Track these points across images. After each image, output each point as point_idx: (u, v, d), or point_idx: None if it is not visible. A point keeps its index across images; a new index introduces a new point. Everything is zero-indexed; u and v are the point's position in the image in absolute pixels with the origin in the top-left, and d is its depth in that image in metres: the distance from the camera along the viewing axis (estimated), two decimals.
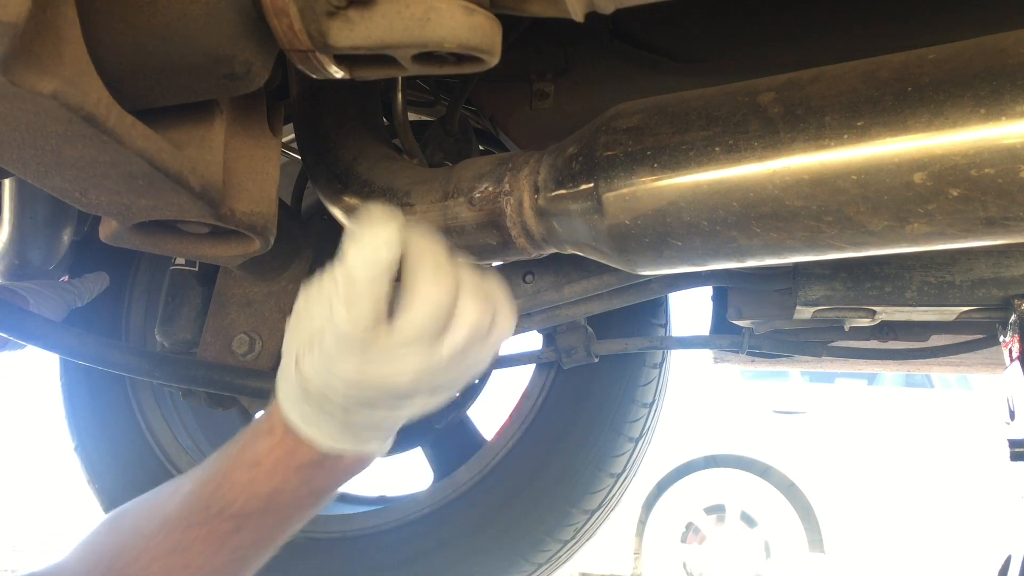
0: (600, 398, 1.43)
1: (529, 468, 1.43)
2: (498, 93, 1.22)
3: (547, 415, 1.45)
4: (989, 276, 1.03)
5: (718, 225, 0.70)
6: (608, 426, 1.42)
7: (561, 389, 1.45)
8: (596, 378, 1.44)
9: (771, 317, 1.28)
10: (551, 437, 1.43)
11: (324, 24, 0.63)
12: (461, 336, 0.58)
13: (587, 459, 1.42)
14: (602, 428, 1.42)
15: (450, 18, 0.62)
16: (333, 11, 0.62)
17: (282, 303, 1.24)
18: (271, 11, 0.62)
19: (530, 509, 1.42)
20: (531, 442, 1.45)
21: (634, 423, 1.44)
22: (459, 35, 0.62)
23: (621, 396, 1.43)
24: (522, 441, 1.45)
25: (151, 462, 1.54)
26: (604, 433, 1.42)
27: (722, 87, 0.74)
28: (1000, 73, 0.59)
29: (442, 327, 0.57)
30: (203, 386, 1.11)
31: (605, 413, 1.43)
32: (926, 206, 0.62)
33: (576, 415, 1.43)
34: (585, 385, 1.44)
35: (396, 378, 0.57)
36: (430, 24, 0.62)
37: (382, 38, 0.62)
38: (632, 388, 1.44)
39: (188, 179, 0.68)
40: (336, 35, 0.63)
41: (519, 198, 0.84)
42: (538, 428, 1.44)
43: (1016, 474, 1.03)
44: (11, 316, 1.00)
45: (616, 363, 1.44)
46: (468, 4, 0.63)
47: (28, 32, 0.46)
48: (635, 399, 1.44)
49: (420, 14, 0.61)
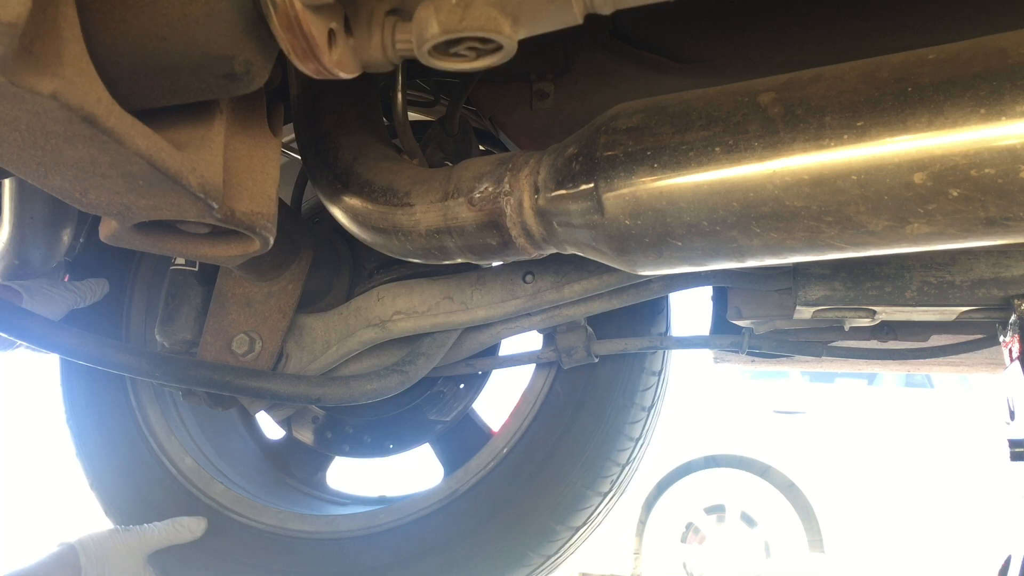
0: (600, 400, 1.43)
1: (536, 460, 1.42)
2: (498, 93, 1.22)
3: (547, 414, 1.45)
4: (989, 276, 1.03)
5: (718, 225, 0.70)
6: (611, 425, 1.42)
7: (561, 390, 1.45)
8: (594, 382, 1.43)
9: (771, 317, 1.28)
10: (556, 429, 1.42)
11: None
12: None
13: (597, 446, 1.41)
14: (605, 423, 1.42)
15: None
16: None
17: (282, 303, 1.24)
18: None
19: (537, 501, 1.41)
20: (539, 429, 1.44)
21: (634, 424, 1.44)
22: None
23: (621, 398, 1.43)
24: (532, 427, 1.44)
25: (151, 462, 1.54)
26: (609, 427, 1.42)
27: (722, 87, 0.74)
28: (1000, 73, 0.59)
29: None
30: (203, 386, 1.11)
31: (606, 412, 1.42)
32: (926, 206, 0.62)
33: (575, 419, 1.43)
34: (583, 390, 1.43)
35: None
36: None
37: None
38: (632, 393, 1.43)
39: (188, 179, 0.68)
40: None
41: (519, 198, 0.84)
42: (543, 420, 1.44)
43: (1016, 474, 1.03)
44: (11, 316, 1.00)
45: (614, 371, 1.43)
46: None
47: (28, 32, 0.46)
48: (635, 402, 1.44)
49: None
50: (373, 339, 1.28)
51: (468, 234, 0.88)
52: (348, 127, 1.04)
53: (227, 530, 1.48)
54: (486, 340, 1.37)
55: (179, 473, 1.52)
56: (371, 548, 1.44)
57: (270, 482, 1.68)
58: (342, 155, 1.01)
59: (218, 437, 1.67)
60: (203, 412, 1.65)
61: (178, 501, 1.50)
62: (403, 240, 0.93)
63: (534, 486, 1.39)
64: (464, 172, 0.90)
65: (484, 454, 1.46)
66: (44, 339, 1.02)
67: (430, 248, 0.93)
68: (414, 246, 0.93)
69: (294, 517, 1.49)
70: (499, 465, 1.42)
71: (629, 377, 1.43)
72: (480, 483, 1.43)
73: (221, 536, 1.47)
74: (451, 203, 0.88)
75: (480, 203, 0.86)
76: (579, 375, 1.42)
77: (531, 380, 1.48)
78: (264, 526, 1.48)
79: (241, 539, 1.47)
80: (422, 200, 0.91)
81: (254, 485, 1.61)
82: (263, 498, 1.56)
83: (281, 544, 1.47)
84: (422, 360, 1.26)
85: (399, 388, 1.23)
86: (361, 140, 1.03)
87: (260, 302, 1.24)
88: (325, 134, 1.03)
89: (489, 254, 0.91)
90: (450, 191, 0.89)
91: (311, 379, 1.18)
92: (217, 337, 1.24)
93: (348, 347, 1.28)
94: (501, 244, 0.88)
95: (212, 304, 1.25)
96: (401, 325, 1.26)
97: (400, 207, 0.92)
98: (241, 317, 1.24)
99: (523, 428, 1.43)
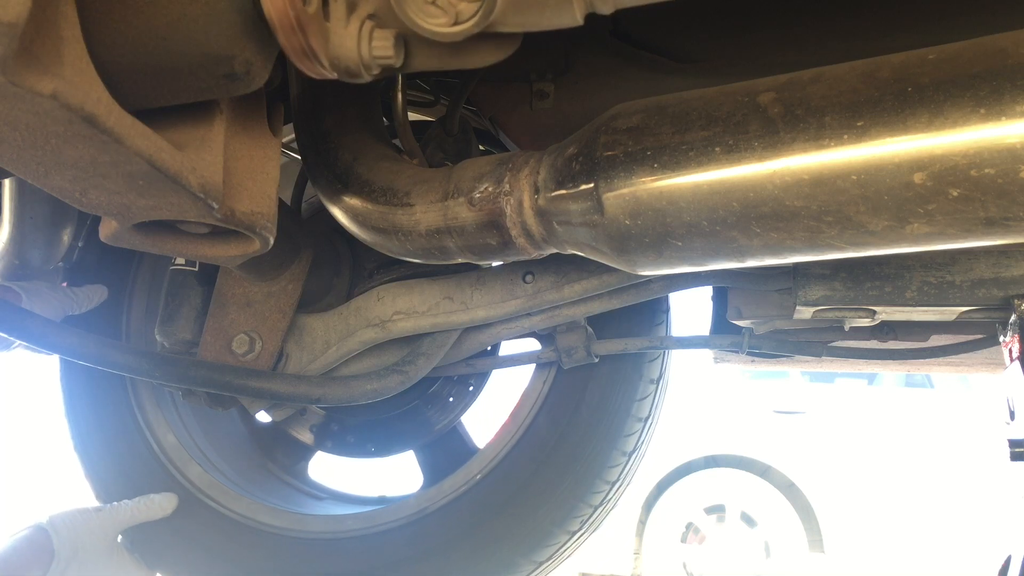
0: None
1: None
2: (498, 93, 1.22)
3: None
4: (989, 276, 1.03)
5: (718, 225, 0.70)
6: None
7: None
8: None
9: (771, 317, 1.28)
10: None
11: None
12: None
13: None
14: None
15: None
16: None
17: (282, 303, 1.24)
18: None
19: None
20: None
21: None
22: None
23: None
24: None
25: (135, 436, 1.53)
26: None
27: (722, 87, 0.74)
28: (1000, 73, 0.59)
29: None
30: (203, 386, 1.11)
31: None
32: (926, 206, 0.62)
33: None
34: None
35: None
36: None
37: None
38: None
39: (188, 179, 0.68)
40: None
41: (519, 198, 0.84)
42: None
43: (1016, 474, 1.03)
44: (11, 316, 1.00)
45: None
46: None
47: (28, 32, 0.46)
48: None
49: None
50: (373, 339, 1.28)
51: (468, 234, 0.88)
52: (348, 127, 1.04)
53: (197, 513, 1.49)
54: (486, 340, 1.37)
55: (160, 450, 1.53)
56: (334, 554, 1.45)
57: (251, 467, 1.69)
58: (342, 155, 1.01)
59: (207, 416, 1.66)
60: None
61: (155, 478, 1.51)
62: (403, 240, 0.93)
63: (505, 515, 1.39)
64: (464, 172, 0.90)
65: (459, 476, 1.46)
66: (44, 339, 1.02)
67: (430, 248, 0.93)
68: (414, 246, 0.93)
69: (264, 510, 1.50)
70: (471, 489, 1.43)
71: (613, 422, 1.42)
72: (450, 504, 1.43)
73: (190, 518, 1.48)
74: (451, 203, 0.88)
75: (480, 203, 0.86)
76: (564, 409, 1.42)
77: (515, 407, 1.48)
78: (233, 514, 1.49)
79: (209, 524, 1.49)
80: (422, 200, 0.91)
81: (233, 469, 1.62)
82: (240, 483, 1.57)
83: (247, 535, 1.48)
84: (422, 360, 1.26)
85: (399, 388, 1.23)
86: (361, 140, 1.03)
87: (260, 302, 1.24)
88: (325, 134, 1.03)
89: (489, 254, 0.91)
90: (450, 191, 0.89)
91: (311, 379, 1.18)
92: (217, 337, 1.24)
93: (348, 347, 1.28)
94: (501, 244, 0.88)
95: (212, 304, 1.25)
96: (401, 325, 1.26)
97: (400, 207, 0.92)
98: (241, 317, 1.24)
99: (500, 458, 1.43)
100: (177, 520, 1.47)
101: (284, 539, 1.47)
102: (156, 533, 1.47)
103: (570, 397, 1.42)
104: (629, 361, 1.42)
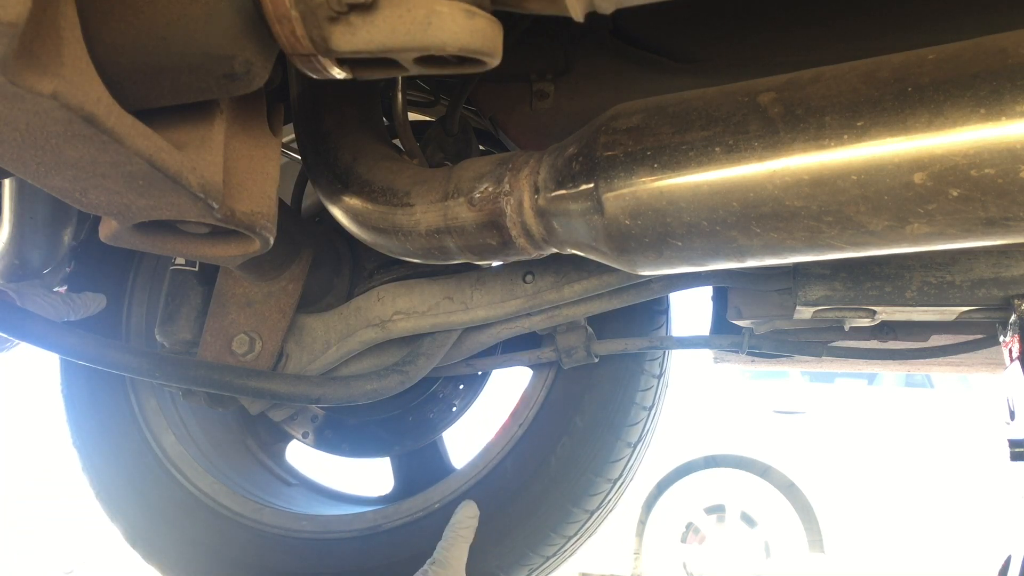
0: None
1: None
2: (498, 93, 1.22)
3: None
4: (989, 276, 1.03)
5: (718, 225, 0.70)
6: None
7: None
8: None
9: (771, 317, 1.28)
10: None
11: (326, 29, 0.63)
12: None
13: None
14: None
15: (451, 22, 0.62)
16: (335, 16, 0.62)
17: (282, 303, 1.24)
18: (273, 17, 0.62)
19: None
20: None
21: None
22: (460, 38, 0.62)
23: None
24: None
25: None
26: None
27: (722, 87, 0.74)
28: (1000, 73, 0.59)
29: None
30: (203, 386, 1.11)
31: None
32: (926, 206, 0.62)
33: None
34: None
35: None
36: (432, 28, 0.61)
37: (384, 42, 0.62)
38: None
39: (188, 179, 0.68)
40: (339, 40, 0.63)
41: (519, 198, 0.84)
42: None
43: (1016, 474, 1.03)
44: (11, 316, 1.00)
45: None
46: (469, 7, 0.63)
47: (28, 32, 0.46)
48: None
49: (422, 18, 0.61)
50: (373, 339, 1.28)
51: (468, 234, 0.88)
52: (348, 127, 1.04)
53: (163, 484, 1.52)
54: (486, 340, 1.37)
55: (139, 412, 1.55)
56: (287, 552, 1.48)
57: (228, 441, 1.70)
58: (342, 155, 1.01)
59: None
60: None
61: (131, 441, 1.54)
62: (403, 240, 0.93)
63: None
64: (464, 172, 0.90)
65: (417, 500, 1.48)
66: (44, 339, 1.02)
67: (430, 248, 0.93)
68: (414, 246, 0.93)
69: (226, 493, 1.52)
70: (426, 517, 1.44)
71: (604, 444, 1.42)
72: (403, 527, 1.45)
73: (158, 487, 1.52)
74: (451, 203, 0.88)
75: (480, 203, 0.86)
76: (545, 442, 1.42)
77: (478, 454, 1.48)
78: (195, 490, 1.52)
79: (171, 496, 1.52)
80: (422, 200, 0.91)
81: (210, 442, 1.63)
82: (212, 458, 1.58)
83: (203, 513, 1.50)
84: (422, 360, 1.26)
85: (399, 388, 1.23)
86: (361, 140, 1.03)
87: (260, 302, 1.24)
88: (325, 134, 1.03)
89: (489, 254, 0.91)
90: (450, 191, 0.89)
91: (311, 379, 1.18)
92: (217, 337, 1.24)
93: (348, 347, 1.28)
94: (501, 244, 0.88)
95: (212, 304, 1.25)
96: (401, 325, 1.26)
97: (400, 207, 0.92)
98: (241, 317, 1.24)
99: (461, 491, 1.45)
100: (148, 487, 1.51)
101: (240, 527, 1.50)
102: (117, 489, 1.51)
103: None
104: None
